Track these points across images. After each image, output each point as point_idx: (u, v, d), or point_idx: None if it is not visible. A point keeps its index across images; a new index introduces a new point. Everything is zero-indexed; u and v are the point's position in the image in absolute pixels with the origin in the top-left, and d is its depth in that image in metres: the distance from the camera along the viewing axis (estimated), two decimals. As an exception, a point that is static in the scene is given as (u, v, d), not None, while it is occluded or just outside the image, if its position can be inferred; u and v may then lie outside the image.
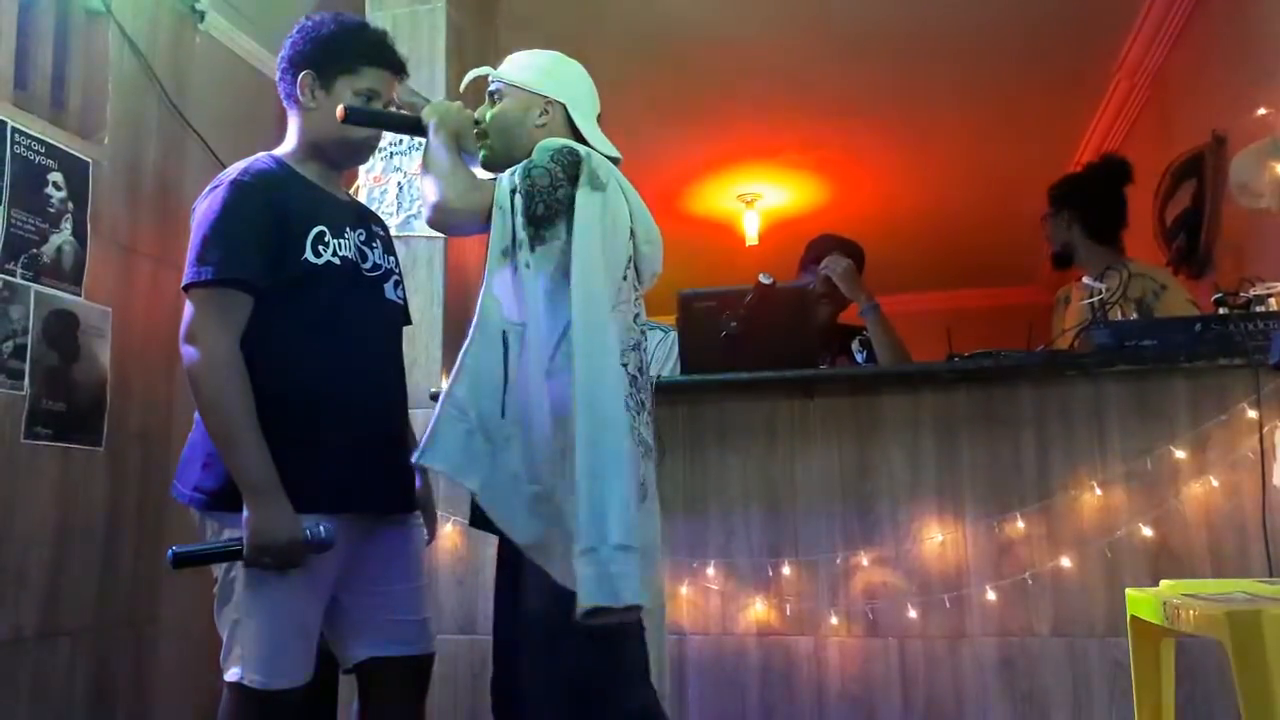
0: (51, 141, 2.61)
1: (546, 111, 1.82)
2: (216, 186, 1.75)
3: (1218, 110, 3.24)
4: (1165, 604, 1.70)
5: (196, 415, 1.74)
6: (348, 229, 1.84)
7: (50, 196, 2.60)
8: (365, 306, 1.81)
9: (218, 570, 1.71)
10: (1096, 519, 2.29)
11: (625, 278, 1.71)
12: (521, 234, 1.66)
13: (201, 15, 3.21)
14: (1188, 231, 3.48)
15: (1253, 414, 2.22)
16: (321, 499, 1.69)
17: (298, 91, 1.83)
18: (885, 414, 2.44)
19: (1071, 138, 4.90)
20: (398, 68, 1.89)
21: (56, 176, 2.62)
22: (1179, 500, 2.26)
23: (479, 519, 1.68)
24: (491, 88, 1.87)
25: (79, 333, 2.65)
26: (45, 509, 2.53)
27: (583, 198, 1.65)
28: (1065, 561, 2.29)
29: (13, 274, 2.46)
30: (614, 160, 1.84)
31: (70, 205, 2.66)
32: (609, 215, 1.69)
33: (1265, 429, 2.20)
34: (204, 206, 1.73)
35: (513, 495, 1.60)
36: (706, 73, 4.31)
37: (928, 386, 2.43)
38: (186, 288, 1.69)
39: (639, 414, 1.64)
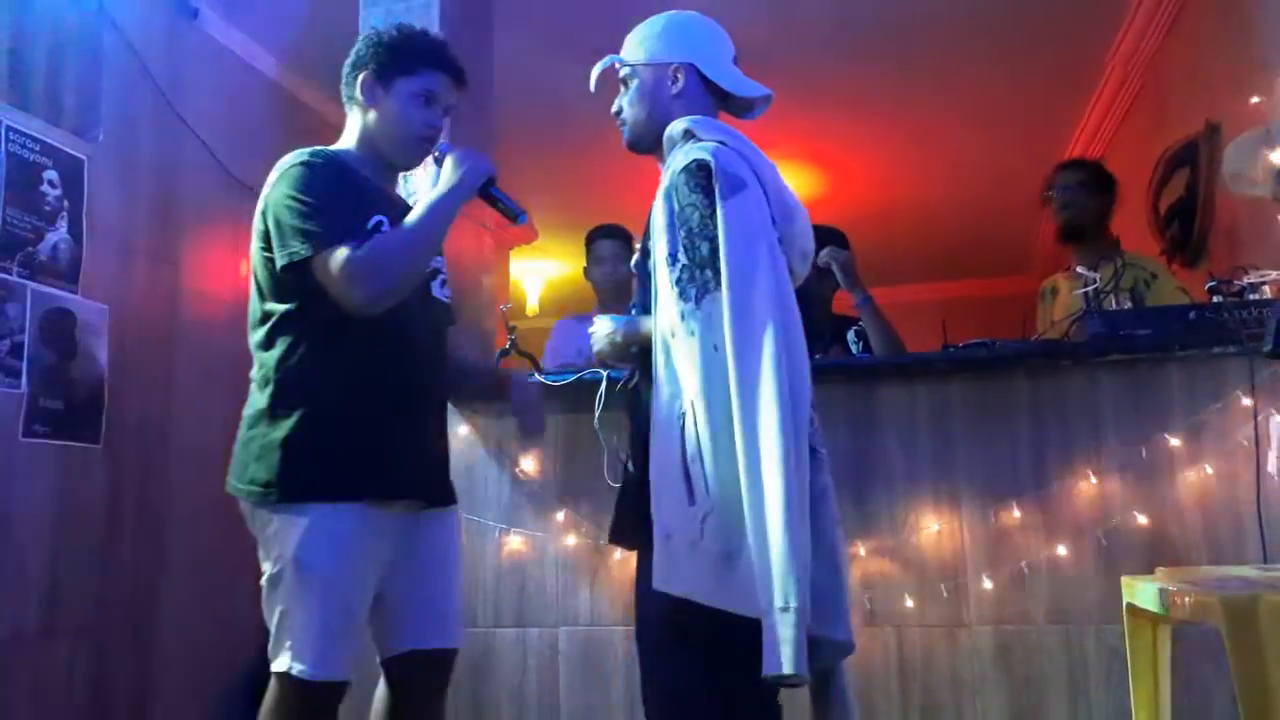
0: (46, 139, 2.61)
1: (676, 79, 1.74)
2: (286, 169, 1.76)
3: (1212, 98, 3.24)
4: (1161, 591, 1.71)
5: (246, 411, 1.75)
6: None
7: (45, 194, 2.59)
8: (414, 304, 1.82)
9: (266, 562, 1.71)
10: (1092, 507, 2.30)
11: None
12: (682, 304, 1.50)
13: (195, 12, 3.20)
14: (1182, 220, 3.48)
15: (1247, 401, 2.23)
16: (382, 486, 1.73)
17: (357, 92, 1.86)
18: (881, 404, 2.44)
19: (1065, 127, 4.89)
20: (456, 73, 1.90)
21: (52, 174, 2.62)
22: (1174, 488, 2.27)
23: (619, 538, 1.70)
24: (621, 75, 1.79)
25: (76, 330, 2.65)
26: (44, 507, 2.53)
27: (730, 210, 1.50)
28: (1061, 550, 2.30)
29: (9, 272, 2.46)
30: (764, 99, 1.77)
31: (66, 203, 2.66)
32: (765, 215, 1.54)
33: (1260, 416, 2.21)
34: (280, 190, 1.73)
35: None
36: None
37: (923, 377, 2.43)
38: (288, 267, 1.69)
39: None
